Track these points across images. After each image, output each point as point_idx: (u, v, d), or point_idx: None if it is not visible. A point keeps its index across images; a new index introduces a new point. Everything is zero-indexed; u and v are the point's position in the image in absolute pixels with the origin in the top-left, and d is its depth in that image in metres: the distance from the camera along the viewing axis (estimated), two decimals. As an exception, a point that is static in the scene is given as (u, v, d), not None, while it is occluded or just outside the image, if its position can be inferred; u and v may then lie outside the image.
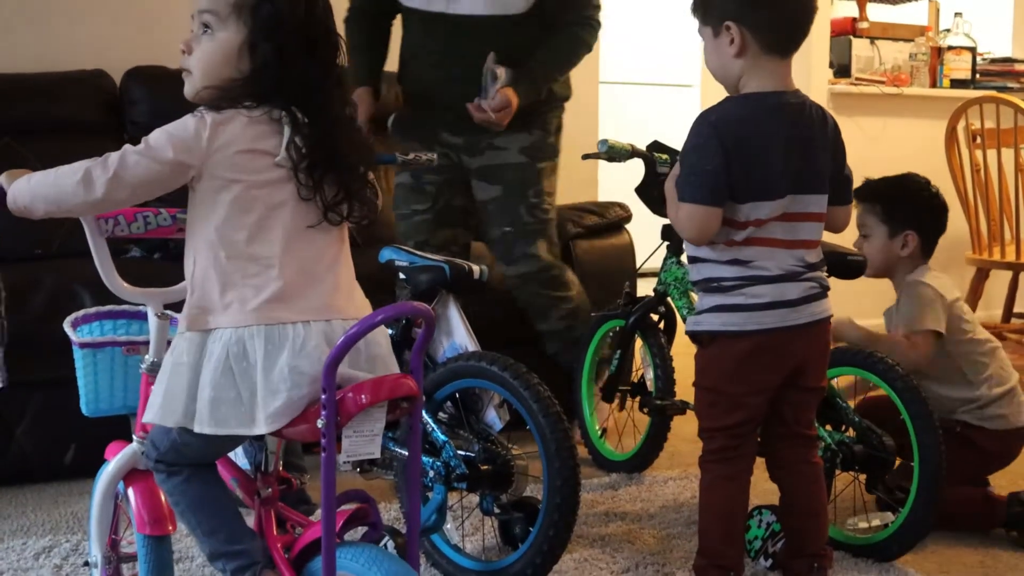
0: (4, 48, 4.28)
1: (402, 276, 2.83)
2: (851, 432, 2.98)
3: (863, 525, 3.02)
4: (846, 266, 3.09)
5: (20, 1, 4.36)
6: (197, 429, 1.89)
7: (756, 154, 2.40)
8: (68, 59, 4.26)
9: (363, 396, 1.81)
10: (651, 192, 3.20)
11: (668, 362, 3.45)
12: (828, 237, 2.60)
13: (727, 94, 2.51)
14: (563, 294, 3.66)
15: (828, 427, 2.98)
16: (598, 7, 3.64)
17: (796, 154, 2.43)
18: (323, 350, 1.86)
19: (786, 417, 2.58)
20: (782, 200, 2.42)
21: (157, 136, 1.91)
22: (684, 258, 3.01)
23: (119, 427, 2.55)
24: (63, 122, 4.15)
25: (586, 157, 3.46)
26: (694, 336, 2.56)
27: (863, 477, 3.00)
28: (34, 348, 3.25)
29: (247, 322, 1.88)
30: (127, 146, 1.92)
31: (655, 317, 3.52)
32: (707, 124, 2.42)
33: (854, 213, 2.79)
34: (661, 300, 3.44)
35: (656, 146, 3.29)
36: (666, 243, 3.33)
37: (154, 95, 4.22)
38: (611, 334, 3.62)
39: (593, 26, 3.61)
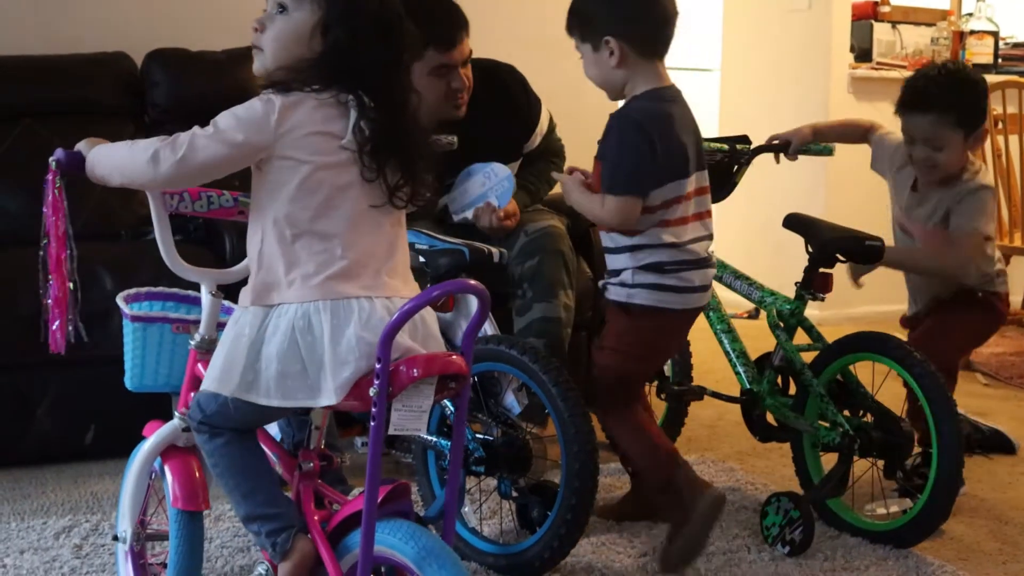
0: (26, 30, 4.28)
1: (422, 259, 2.83)
2: (869, 418, 2.98)
3: (881, 511, 3.03)
4: (864, 251, 3.07)
5: (42, -17, 4.37)
6: (264, 402, 1.94)
7: (673, 139, 2.66)
8: (90, 41, 4.26)
9: (415, 370, 1.85)
10: None
11: (685, 348, 3.45)
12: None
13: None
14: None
15: (846, 412, 2.98)
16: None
17: (691, 137, 2.72)
18: (387, 322, 1.87)
19: None
20: (693, 176, 2.69)
21: (226, 119, 1.96)
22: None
23: (139, 409, 2.57)
24: (85, 104, 4.15)
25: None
26: (622, 305, 2.70)
27: (881, 463, 3.00)
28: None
29: (312, 297, 1.93)
30: (196, 128, 1.96)
31: None
32: (630, 121, 2.66)
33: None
34: None
35: None
36: None
37: (175, 77, 4.22)
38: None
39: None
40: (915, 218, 3.25)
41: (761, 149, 3.36)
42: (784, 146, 3.38)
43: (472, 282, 1.92)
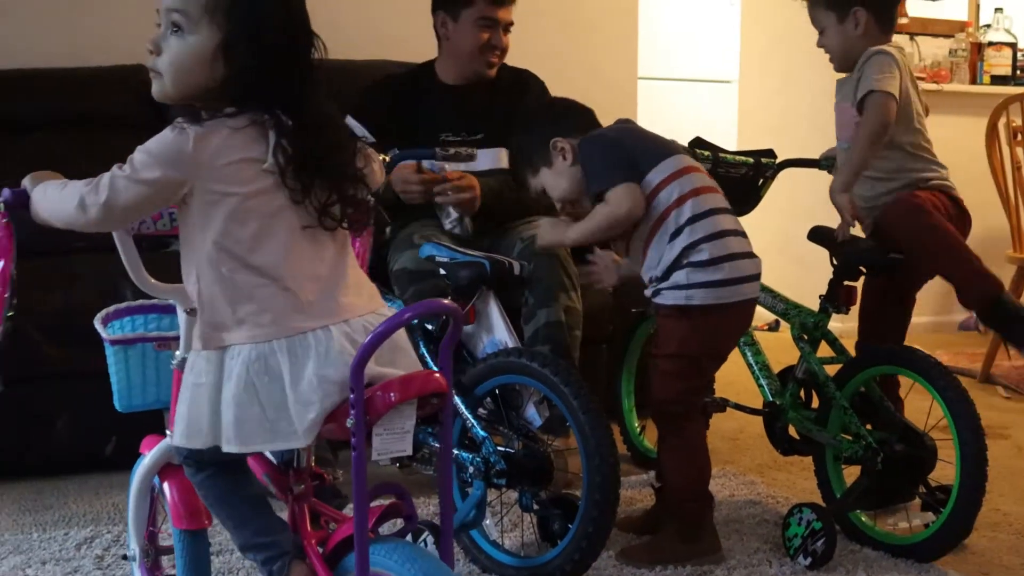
0: (44, 43, 4.31)
1: (443, 272, 2.83)
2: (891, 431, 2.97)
3: (903, 525, 3.01)
4: (888, 264, 3.06)
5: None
6: (225, 448, 1.86)
7: (637, 136, 2.84)
8: (106, 54, 4.27)
9: (392, 394, 1.79)
10: None
11: None
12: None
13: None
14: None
15: (868, 426, 2.97)
16: None
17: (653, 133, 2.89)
18: (347, 352, 1.82)
19: None
20: (679, 156, 2.78)
21: (140, 156, 1.84)
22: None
23: (158, 420, 2.56)
24: (103, 116, 4.18)
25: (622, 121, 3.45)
26: (681, 308, 2.70)
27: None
28: (75, 340, 3.28)
29: (266, 337, 1.84)
30: (115, 169, 1.86)
31: None
32: (589, 139, 2.80)
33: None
34: None
35: (698, 142, 3.28)
36: None
37: (194, 90, 4.23)
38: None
39: None
40: (839, 101, 3.31)
41: (787, 163, 3.35)
42: (810, 161, 3.37)
43: (445, 302, 1.87)
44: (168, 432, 2.24)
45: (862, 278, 3.16)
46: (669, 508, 2.84)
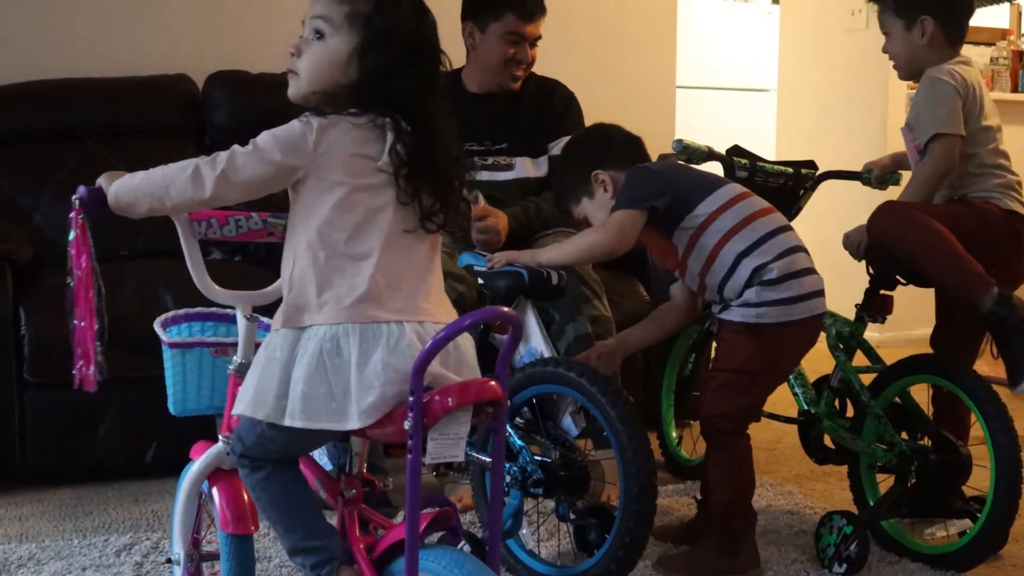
0: (90, 53, 4.35)
1: (481, 281, 2.84)
2: (927, 440, 2.95)
3: (940, 534, 3.00)
4: (919, 274, 3.03)
5: (105, 8, 4.43)
6: (287, 422, 1.93)
7: (681, 171, 2.88)
8: (152, 64, 4.32)
9: (449, 399, 1.83)
10: None
11: None
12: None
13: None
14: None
15: (903, 435, 2.96)
16: None
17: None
18: (416, 349, 1.88)
19: None
20: (729, 186, 2.77)
21: (265, 138, 1.97)
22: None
23: (199, 426, 2.59)
24: (146, 125, 4.22)
25: (663, 157, 3.45)
26: (750, 327, 2.68)
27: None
28: (117, 347, 3.29)
29: (342, 319, 1.92)
30: (235, 147, 1.98)
31: None
32: (636, 168, 2.80)
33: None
34: None
35: (736, 150, 3.28)
36: None
37: (235, 99, 4.27)
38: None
39: None
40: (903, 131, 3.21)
41: (828, 175, 3.33)
42: (851, 173, 3.34)
43: (504, 309, 1.90)
44: (220, 436, 2.28)
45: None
46: (711, 521, 2.83)
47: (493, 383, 1.90)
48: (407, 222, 1.99)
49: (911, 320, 3.20)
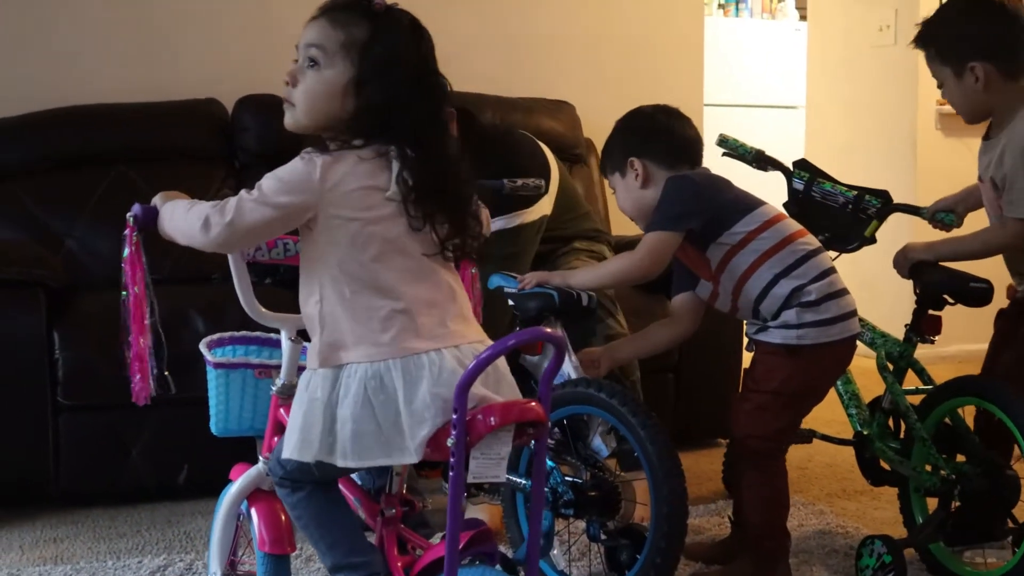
0: (121, 78, 4.39)
1: (511, 303, 2.85)
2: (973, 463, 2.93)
3: (991, 560, 2.96)
4: (969, 293, 2.98)
5: (135, 34, 4.47)
6: (341, 463, 1.92)
7: (722, 188, 2.80)
8: (181, 88, 4.36)
9: (492, 418, 1.83)
10: (789, 209, 3.18)
11: None
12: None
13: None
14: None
15: (960, 457, 2.95)
16: None
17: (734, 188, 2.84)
18: (459, 374, 1.87)
19: None
20: (766, 207, 2.76)
21: (270, 182, 1.94)
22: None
23: (229, 449, 2.61)
24: (177, 150, 4.25)
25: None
26: (790, 348, 2.67)
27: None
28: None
29: (382, 356, 1.91)
30: (243, 192, 1.96)
31: None
32: (678, 178, 2.79)
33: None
34: None
35: (802, 164, 3.22)
36: None
37: (265, 123, 4.29)
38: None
39: None
40: (980, 173, 3.04)
41: (894, 208, 3.17)
42: (914, 208, 3.21)
43: (548, 330, 1.90)
44: (261, 458, 2.30)
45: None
46: (745, 542, 2.82)
47: (535, 404, 1.91)
48: (425, 247, 1.98)
49: (944, 337, 3.16)
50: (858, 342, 2.95)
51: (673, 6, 5.30)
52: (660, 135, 2.87)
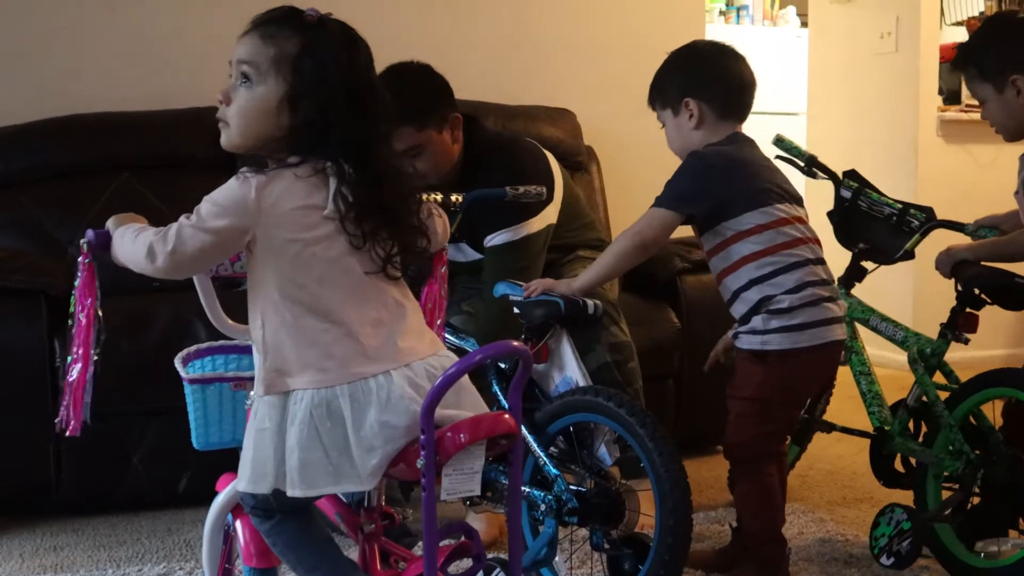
0: (124, 86, 4.39)
1: (516, 310, 2.84)
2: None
3: (992, 548, 2.98)
4: (1009, 290, 3.00)
5: (140, 42, 4.47)
6: (289, 493, 1.89)
7: (743, 175, 2.72)
8: (185, 96, 4.34)
9: (462, 436, 1.81)
10: (833, 217, 3.26)
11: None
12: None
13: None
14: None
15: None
16: None
17: (769, 173, 2.77)
18: (410, 397, 1.86)
19: None
20: (780, 206, 2.70)
21: (207, 206, 1.90)
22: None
23: (231, 458, 2.59)
24: (182, 158, 4.23)
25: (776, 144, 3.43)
26: (756, 353, 2.68)
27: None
28: (151, 377, 3.34)
29: (328, 382, 1.88)
30: (182, 219, 1.91)
31: None
32: (698, 155, 2.76)
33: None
34: None
35: (851, 174, 3.29)
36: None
37: (266, 130, 4.29)
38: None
39: None
40: (1019, 187, 3.00)
41: (937, 224, 3.21)
42: (957, 224, 3.23)
43: (514, 344, 1.87)
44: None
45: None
46: (746, 550, 2.82)
47: (507, 416, 1.88)
48: (366, 265, 1.94)
49: (980, 340, 3.18)
50: (890, 342, 2.99)
51: (674, 13, 5.29)
52: (722, 80, 2.84)
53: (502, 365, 2.87)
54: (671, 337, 3.90)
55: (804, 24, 7.98)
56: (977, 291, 3.04)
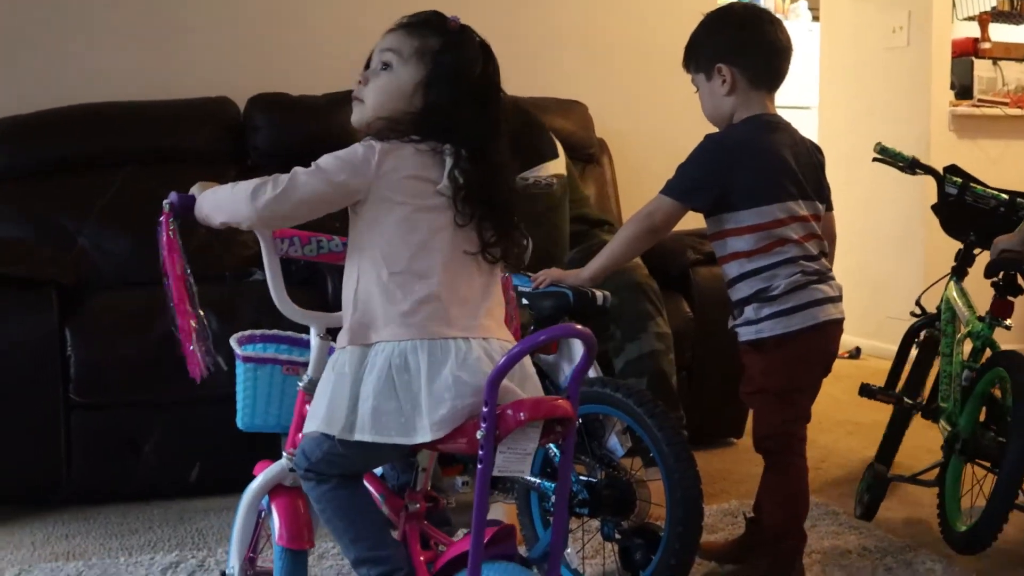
0: (132, 77, 4.39)
1: (525, 302, 2.84)
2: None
3: None
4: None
5: (147, 33, 4.48)
6: (358, 437, 1.94)
7: (763, 166, 2.66)
8: (193, 87, 4.36)
9: (522, 413, 1.83)
10: (939, 212, 3.35)
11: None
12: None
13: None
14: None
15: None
16: None
17: (797, 164, 2.70)
18: (484, 364, 1.91)
19: None
20: (795, 203, 2.66)
21: (328, 160, 2.01)
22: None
23: (242, 448, 2.60)
24: (189, 149, 4.25)
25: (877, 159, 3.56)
26: (754, 343, 2.68)
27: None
28: (162, 368, 3.34)
29: (410, 336, 1.95)
30: (298, 167, 2.01)
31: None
32: (712, 141, 2.72)
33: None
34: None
35: (953, 169, 3.38)
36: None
37: (276, 121, 4.31)
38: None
39: None
40: None
41: None
42: None
43: (579, 327, 1.90)
44: (285, 453, 2.30)
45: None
46: (762, 542, 2.81)
47: (563, 401, 1.91)
48: (467, 244, 2.03)
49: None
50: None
51: (686, 6, 5.28)
52: (756, 46, 2.76)
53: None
54: (683, 329, 3.89)
55: (816, 18, 7.98)
56: (996, 277, 3.12)
